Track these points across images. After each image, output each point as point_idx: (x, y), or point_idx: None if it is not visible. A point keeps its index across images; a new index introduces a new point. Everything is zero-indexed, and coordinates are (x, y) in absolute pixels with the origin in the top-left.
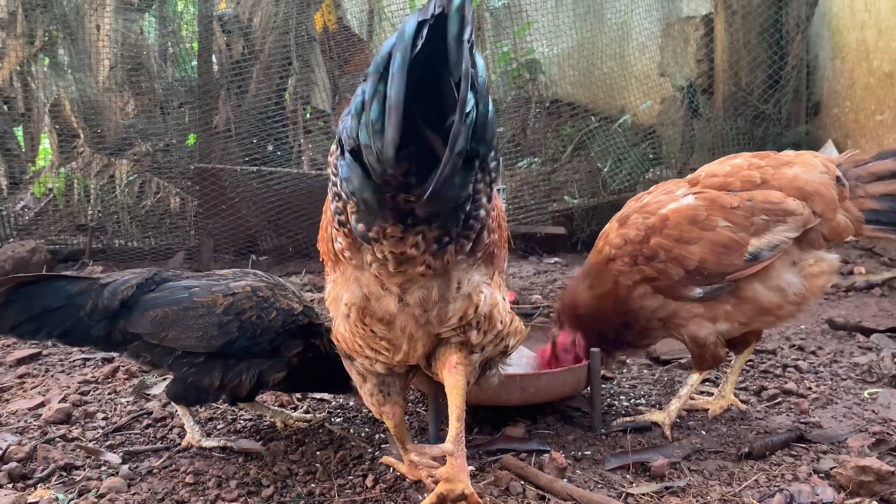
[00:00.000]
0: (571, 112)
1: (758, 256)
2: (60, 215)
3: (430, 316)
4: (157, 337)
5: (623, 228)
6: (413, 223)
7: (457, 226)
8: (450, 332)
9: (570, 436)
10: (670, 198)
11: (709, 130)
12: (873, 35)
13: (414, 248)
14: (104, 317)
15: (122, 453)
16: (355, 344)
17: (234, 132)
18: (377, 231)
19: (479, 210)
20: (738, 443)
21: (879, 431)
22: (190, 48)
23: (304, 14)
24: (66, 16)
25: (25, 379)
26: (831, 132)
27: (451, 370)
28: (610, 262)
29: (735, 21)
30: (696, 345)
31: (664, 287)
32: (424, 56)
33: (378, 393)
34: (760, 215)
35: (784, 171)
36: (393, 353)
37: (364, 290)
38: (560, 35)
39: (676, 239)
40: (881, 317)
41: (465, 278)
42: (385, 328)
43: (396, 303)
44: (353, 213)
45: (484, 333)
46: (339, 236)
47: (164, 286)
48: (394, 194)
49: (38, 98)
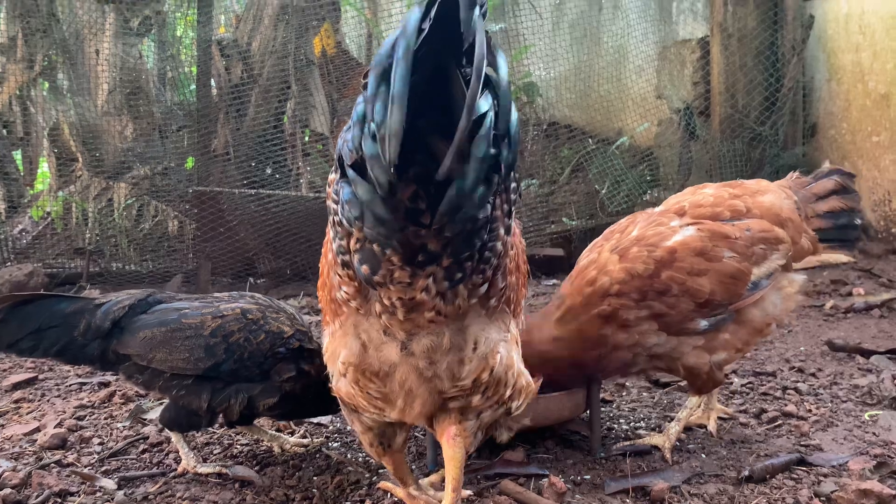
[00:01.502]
0: (569, 134)
1: (758, 285)
2: (58, 239)
3: (439, 369)
4: (146, 358)
5: (625, 262)
6: (423, 262)
7: (471, 257)
8: (457, 392)
9: (569, 460)
10: (668, 229)
11: (706, 152)
12: (868, 57)
13: (424, 293)
14: (97, 336)
15: (118, 479)
16: (358, 401)
17: (232, 155)
18: (384, 275)
19: (496, 242)
20: (738, 466)
21: (881, 454)
22: (189, 72)
23: (303, 38)
24: (66, 41)
25: (21, 404)
26: (828, 154)
27: (449, 441)
28: (607, 297)
29: (731, 44)
30: (693, 375)
31: (672, 323)
32: (434, 45)
33: (378, 445)
34: (759, 244)
35: (760, 200)
36: (389, 410)
37: (363, 339)
38: (557, 58)
39: (688, 272)
40: (881, 338)
41: (482, 336)
42: (380, 383)
43: (399, 351)
44: (356, 251)
45: (487, 398)
46: (343, 284)
47: (156, 308)
48: (402, 226)
49: (37, 122)
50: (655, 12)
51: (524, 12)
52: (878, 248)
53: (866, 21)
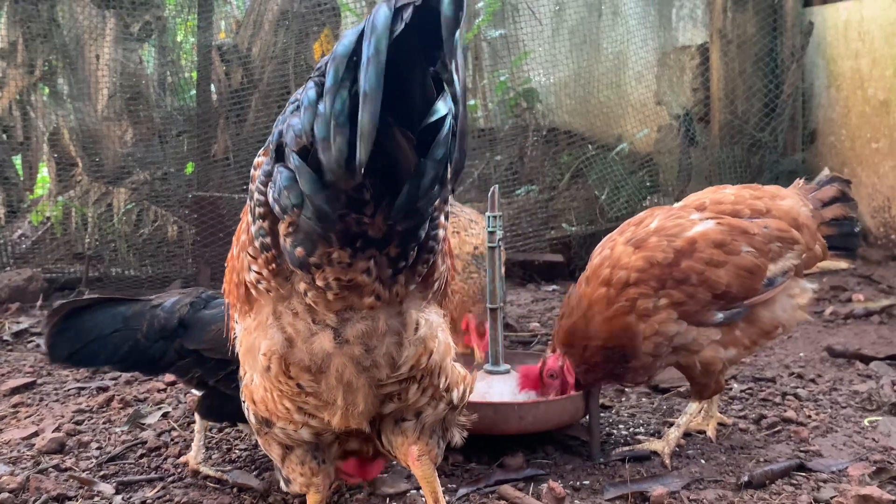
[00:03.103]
0: (569, 140)
1: (773, 282)
2: (58, 244)
3: (377, 356)
4: (220, 351)
5: (643, 251)
6: (363, 246)
7: (416, 247)
8: (394, 384)
9: (568, 465)
10: (687, 221)
11: (705, 158)
12: (867, 64)
13: (365, 275)
14: (162, 336)
15: (116, 483)
16: (280, 406)
17: (232, 160)
18: (321, 255)
19: (439, 230)
20: (737, 472)
21: (880, 460)
22: (189, 77)
23: (303, 44)
24: (67, 46)
25: (19, 408)
26: (828, 160)
27: (415, 464)
28: (627, 288)
29: (730, 50)
30: (706, 371)
31: (690, 312)
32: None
33: (312, 460)
34: (776, 242)
35: (779, 203)
36: (328, 413)
37: (289, 332)
38: (557, 64)
39: (707, 262)
40: (880, 344)
41: (422, 318)
42: (313, 379)
43: (332, 340)
44: (289, 234)
45: (423, 389)
46: (254, 264)
47: (213, 303)
48: (342, 213)
49: (37, 127)
50: (655, 19)
51: (524, 18)
52: (877, 255)
53: (865, 28)
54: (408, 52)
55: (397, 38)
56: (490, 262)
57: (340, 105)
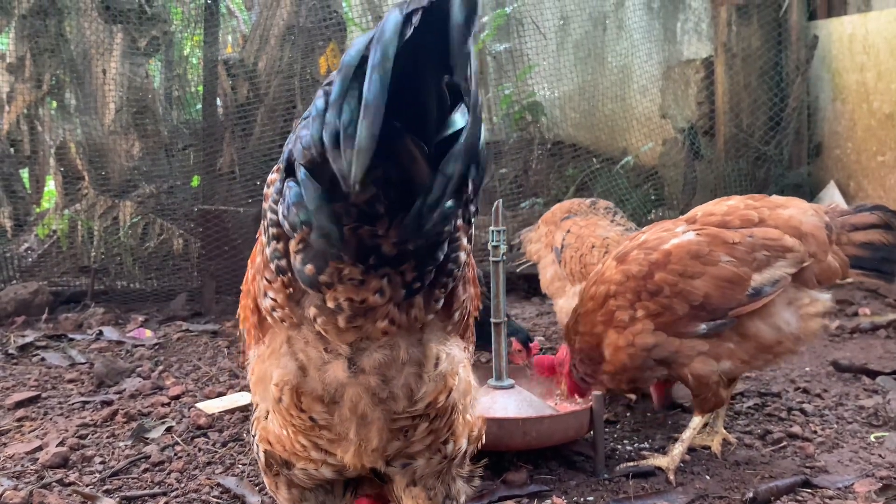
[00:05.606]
0: (573, 153)
1: (760, 292)
2: (63, 257)
3: (395, 387)
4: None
5: (623, 265)
6: (377, 263)
7: (433, 269)
8: (406, 420)
9: (572, 481)
10: (670, 234)
11: (711, 172)
12: (873, 77)
13: (377, 295)
14: None
15: (119, 498)
16: (296, 444)
17: (238, 174)
18: (332, 273)
19: (459, 252)
20: (742, 488)
21: (886, 476)
22: (195, 91)
23: (309, 58)
24: (74, 60)
25: (24, 422)
26: (833, 173)
27: None
28: (607, 300)
29: (735, 64)
30: (699, 384)
31: (668, 323)
32: (410, 53)
33: None
34: (761, 251)
35: (779, 212)
36: (340, 449)
37: (301, 359)
38: (562, 78)
39: (680, 273)
40: (887, 359)
41: (444, 352)
42: (326, 410)
43: (346, 369)
44: (299, 251)
45: (429, 432)
46: (270, 289)
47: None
48: (355, 226)
49: (45, 141)
50: (660, 32)
51: (529, 32)
52: None
53: (870, 41)
54: (421, 59)
55: (411, 44)
56: (494, 276)
57: (349, 114)
